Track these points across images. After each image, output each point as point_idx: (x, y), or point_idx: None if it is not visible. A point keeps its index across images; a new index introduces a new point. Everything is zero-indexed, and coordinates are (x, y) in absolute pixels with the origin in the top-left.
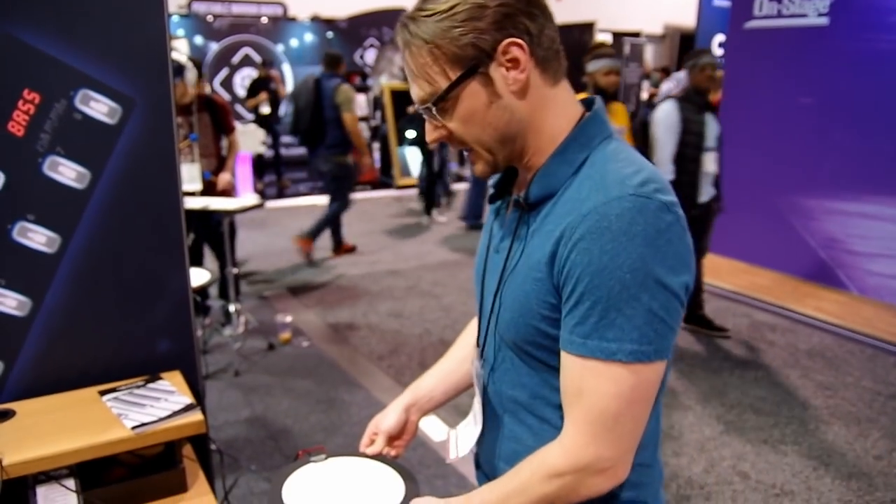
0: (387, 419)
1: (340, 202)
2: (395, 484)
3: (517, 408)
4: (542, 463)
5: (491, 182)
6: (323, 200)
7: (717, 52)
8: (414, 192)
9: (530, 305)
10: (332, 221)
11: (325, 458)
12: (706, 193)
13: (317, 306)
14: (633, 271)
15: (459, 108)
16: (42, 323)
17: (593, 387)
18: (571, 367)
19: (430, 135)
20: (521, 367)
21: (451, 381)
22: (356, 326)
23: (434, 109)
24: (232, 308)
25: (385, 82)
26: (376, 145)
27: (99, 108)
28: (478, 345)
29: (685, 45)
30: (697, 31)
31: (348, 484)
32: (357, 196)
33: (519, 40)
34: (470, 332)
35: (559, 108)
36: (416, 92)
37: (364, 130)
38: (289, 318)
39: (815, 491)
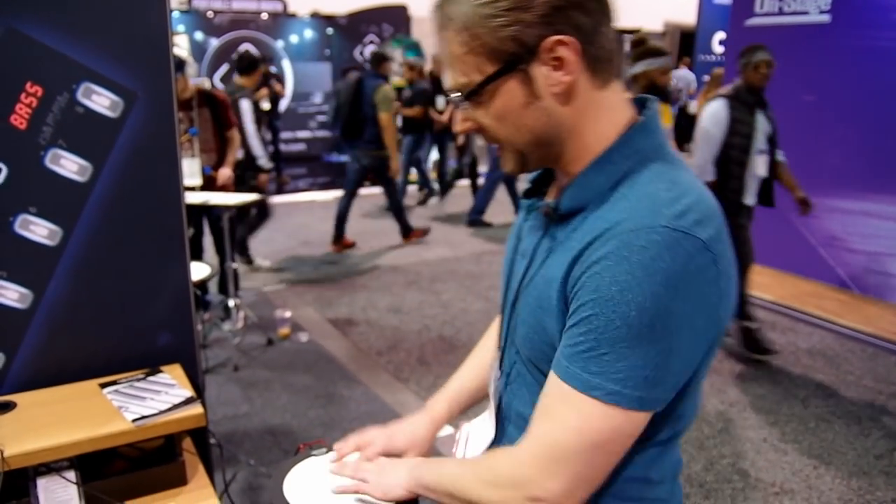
0: (411, 452)
1: (390, 188)
2: None
3: (525, 424)
4: (489, 467)
5: (529, 177)
6: (323, 196)
7: (718, 49)
8: (413, 187)
9: (544, 325)
10: (399, 207)
11: (326, 452)
12: (751, 197)
13: (316, 302)
14: (640, 311)
15: (493, 104)
16: (43, 315)
17: (560, 413)
18: (550, 383)
19: (459, 125)
20: (533, 385)
21: (469, 401)
22: (355, 322)
23: (465, 103)
24: (231, 303)
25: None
26: None
27: (101, 101)
28: (498, 347)
29: (685, 43)
30: (698, 29)
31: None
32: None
33: (567, 38)
34: (493, 332)
35: (605, 113)
36: (449, 78)
37: None
38: (288, 314)
39: (815, 490)
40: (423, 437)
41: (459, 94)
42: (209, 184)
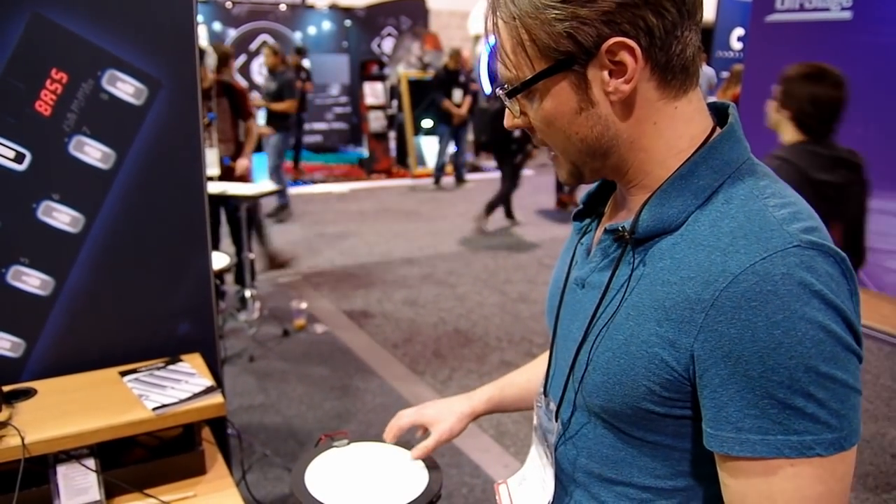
0: (442, 423)
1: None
2: (417, 470)
3: (591, 481)
4: None
5: (581, 196)
6: (339, 188)
7: (736, 45)
8: (429, 181)
9: (635, 375)
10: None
11: (348, 444)
12: None
13: (332, 293)
14: (816, 344)
15: (542, 106)
16: (64, 302)
17: (793, 491)
18: (748, 470)
19: (509, 121)
20: (604, 437)
21: (516, 399)
22: (371, 314)
23: (509, 99)
24: (247, 293)
25: (402, 71)
26: (392, 134)
27: (125, 88)
28: (545, 393)
29: (704, 39)
30: (716, 25)
31: (371, 470)
32: (372, 185)
33: (630, 42)
34: (539, 365)
35: (679, 126)
36: (499, 68)
37: (380, 119)
38: (304, 305)
39: None
40: (455, 414)
41: (506, 89)
42: (227, 174)
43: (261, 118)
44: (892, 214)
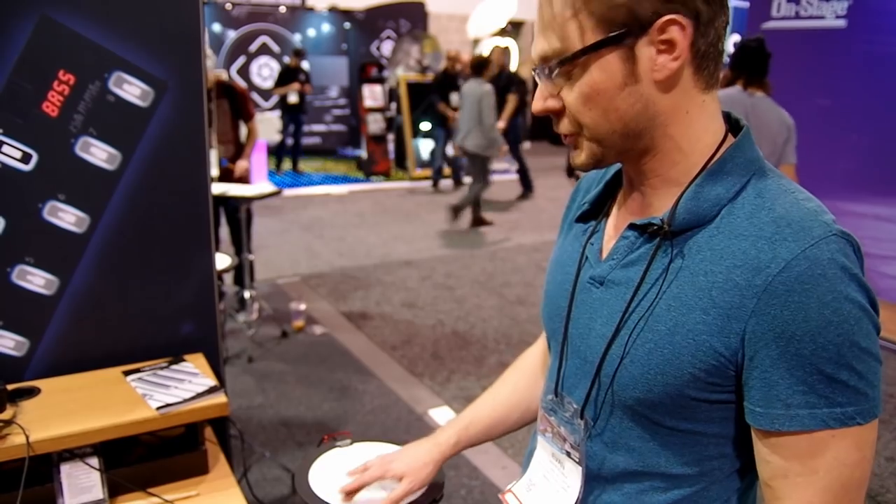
0: (412, 475)
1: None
2: None
3: (618, 476)
4: None
5: (586, 196)
6: (338, 189)
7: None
8: (427, 183)
9: (679, 364)
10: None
11: (351, 444)
12: None
13: (330, 295)
14: (857, 322)
15: (585, 79)
16: (68, 302)
17: (833, 460)
18: (794, 445)
19: (539, 104)
20: (632, 431)
21: (481, 434)
22: (369, 316)
23: (555, 72)
24: (247, 294)
25: (401, 74)
26: (391, 136)
27: (132, 90)
28: (556, 394)
29: None
30: None
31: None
32: (371, 187)
33: (683, 20)
34: (519, 376)
35: (705, 120)
36: (540, 46)
37: (379, 121)
38: (302, 306)
39: None
40: (423, 464)
41: (548, 64)
42: (226, 175)
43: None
44: (886, 220)
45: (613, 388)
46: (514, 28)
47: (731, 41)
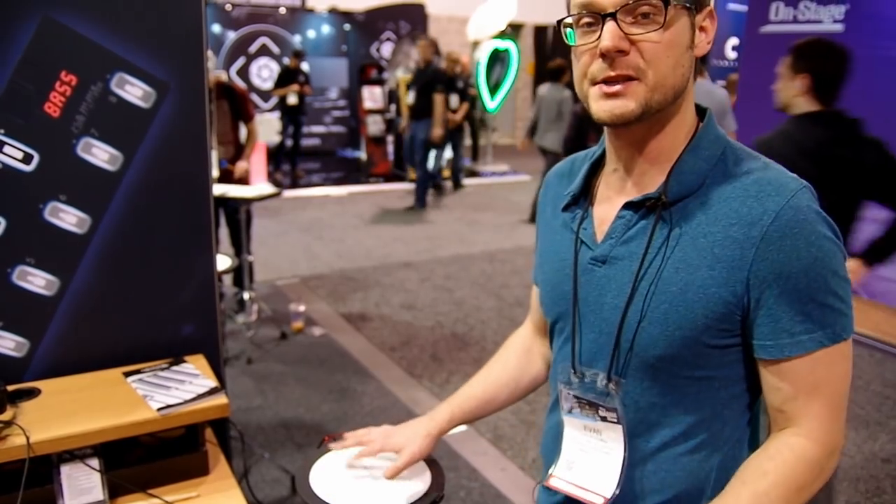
0: (411, 445)
1: None
2: (420, 470)
3: (646, 433)
4: (804, 460)
5: (568, 188)
6: (337, 191)
7: (731, 55)
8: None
9: (693, 317)
10: None
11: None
12: None
13: (329, 296)
14: (833, 254)
15: (673, 29)
16: (69, 303)
17: (829, 374)
18: (797, 369)
19: (615, 41)
20: (652, 388)
21: (476, 410)
22: (369, 317)
23: (642, 16)
24: (246, 295)
25: (401, 76)
26: (390, 138)
27: (134, 91)
28: (574, 368)
29: None
30: None
31: (374, 470)
32: (370, 188)
33: (714, 14)
34: (510, 355)
35: (692, 103)
36: None
37: (379, 123)
38: (302, 308)
39: None
40: (421, 436)
41: (647, 3)
42: (226, 176)
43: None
44: (881, 223)
45: (634, 350)
46: (513, 30)
47: (730, 44)
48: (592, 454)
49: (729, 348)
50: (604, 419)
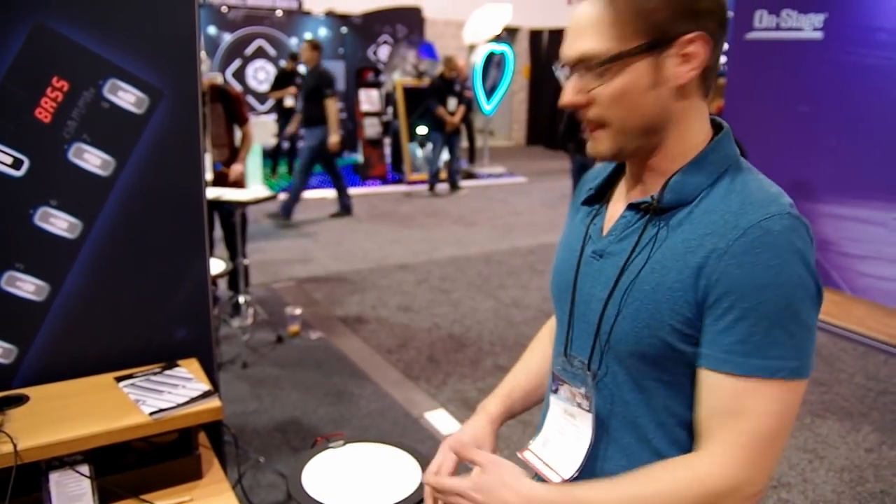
0: (476, 437)
1: None
2: (411, 468)
3: (609, 423)
4: (697, 478)
5: (592, 183)
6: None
7: (720, 59)
8: (424, 186)
9: (661, 317)
10: None
11: (344, 444)
12: None
13: (326, 299)
14: (795, 288)
15: (616, 81)
16: (59, 308)
17: (754, 407)
18: (725, 386)
19: (568, 97)
20: (624, 383)
21: (524, 400)
22: (365, 320)
23: (592, 70)
24: (241, 299)
25: (397, 79)
26: (387, 140)
27: (126, 97)
28: (566, 354)
29: None
30: None
31: (366, 469)
32: (367, 190)
33: (708, 37)
34: (545, 345)
35: (700, 123)
36: (577, 46)
37: (375, 125)
38: (298, 311)
39: (810, 483)
40: (484, 433)
41: (587, 62)
42: (220, 179)
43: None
44: (864, 222)
45: (611, 342)
46: (509, 34)
47: None
48: (567, 437)
49: (695, 357)
50: (579, 405)
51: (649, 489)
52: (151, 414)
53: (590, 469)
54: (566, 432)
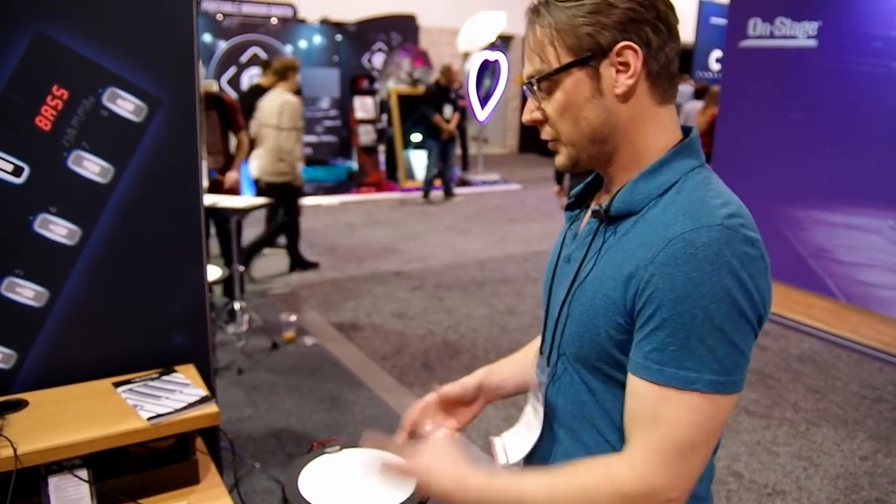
0: (451, 387)
1: None
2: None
3: (571, 421)
4: (610, 479)
5: (575, 190)
6: (328, 200)
7: (715, 66)
8: (418, 193)
9: (597, 322)
10: None
11: (339, 450)
12: None
13: (321, 306)
14: (717, 301)
15: (559, 93)
16: (58, 314)
17: (669, 415)
18: (644, 392)
19: (528, 114)
20: (579, 383)
21: (524, 377)
22: (360, 326)
23: (536, 86)
24: (237, 306)
25: (392, 86)
26: (382, 148)
27: (126, 105)
28: (542, 353)
29: (683, 61)
30: (695, 47)
31: (362, 474)
32: (362, 197)
33: (635, 46)
34: (520, 355)
35: (658, 128)
36: (528, 68)
37: (370, 133)
38: (293, 317)
39: (805, 490)
40: (473, 384)
41: (532, 80)
42: (215, 187)
43: None
44: (857, 229)
45: (562, 343)
46: (503, 42)
47: (714, 57)
48: (530, 429)
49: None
50: (538, 401)
51: (567, 483)
52: (149, 419)
53: (540, 459)
54: (531, 426)
